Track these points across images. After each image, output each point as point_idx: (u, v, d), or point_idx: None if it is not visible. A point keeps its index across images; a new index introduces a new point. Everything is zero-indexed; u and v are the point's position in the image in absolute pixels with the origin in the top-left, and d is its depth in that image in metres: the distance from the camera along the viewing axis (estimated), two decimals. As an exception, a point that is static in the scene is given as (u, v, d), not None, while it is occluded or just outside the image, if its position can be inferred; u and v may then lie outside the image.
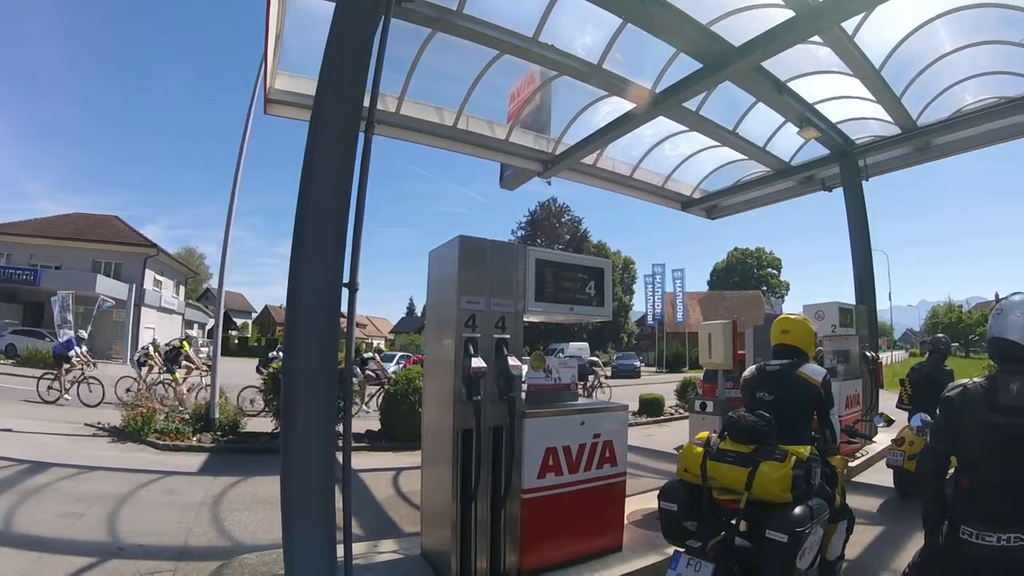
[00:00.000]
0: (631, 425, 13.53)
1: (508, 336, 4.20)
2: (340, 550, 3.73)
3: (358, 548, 4.51)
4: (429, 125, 9.24)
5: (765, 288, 74.74)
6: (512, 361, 4.07)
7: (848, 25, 7.28)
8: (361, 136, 4.07)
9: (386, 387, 11.80)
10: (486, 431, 4.03)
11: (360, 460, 8.74)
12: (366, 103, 4.17)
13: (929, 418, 5.82)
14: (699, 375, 12.19)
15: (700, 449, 3.50)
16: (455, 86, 8.87)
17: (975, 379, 2.54)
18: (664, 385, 20.02)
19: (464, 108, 9.17)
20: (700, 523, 3.43)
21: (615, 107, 9.25)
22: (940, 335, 8.17)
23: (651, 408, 15.25)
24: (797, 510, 3.15)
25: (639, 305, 62.60)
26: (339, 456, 3.81)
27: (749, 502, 3.27)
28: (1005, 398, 2.34)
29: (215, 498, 6.52)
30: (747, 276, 77.81)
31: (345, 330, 4.10)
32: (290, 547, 3.59)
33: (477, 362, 3.90)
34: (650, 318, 52.82)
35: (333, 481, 3.70)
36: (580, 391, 5.13)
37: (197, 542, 5.20)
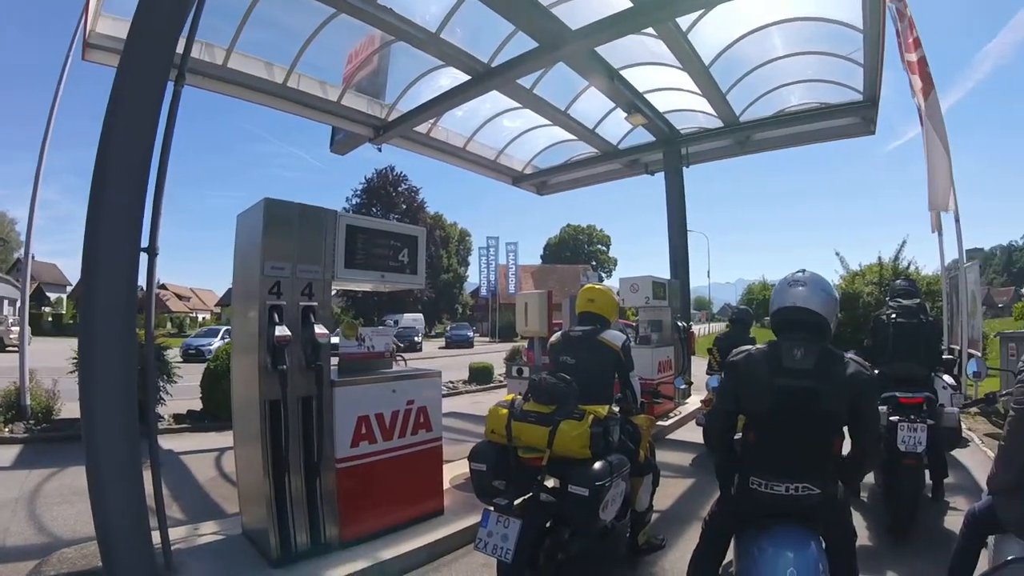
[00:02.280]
0: (461, 393, 13.94)
1: (316, 303, 4.07)
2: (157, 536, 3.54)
3: (179, 532, 4.34)
4: (258, 81, 8.61)
5: (594, 263, 78.06)
6: (319, 329, 3.96)
7: (684, 21, 7.68)
8: (171, 87, 3.74)
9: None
10: (294, 401, 3.91)
11: (181, 442, 8.31)
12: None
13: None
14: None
15: (505, 411, 3.59)
16: (290, 41, 8.37)
17: (759, 345, 2.75)
18: (496, 354, 20.48)
19: (296, 65, 8.66)
20: (508, 482, 3.52)
21: (453, 79, 9.16)
22: (743, 307, 8.91)
23: (480, 376, 15.57)
24: (597, 465, 3.32)
25: (474, 277, 63.47)
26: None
27: (552, 460, 3.40)
28: (789, 362, 2.56)
29: (31, 493, 5.95)
30: (578, 251, 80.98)
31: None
32: (103, 537, 3.33)
33: (281, 330, 3.76)
34: (484, 290, 53.58)
35: (139, 465, 3.44)
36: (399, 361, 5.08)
37: (14, 541, 4.75)
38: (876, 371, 5.45)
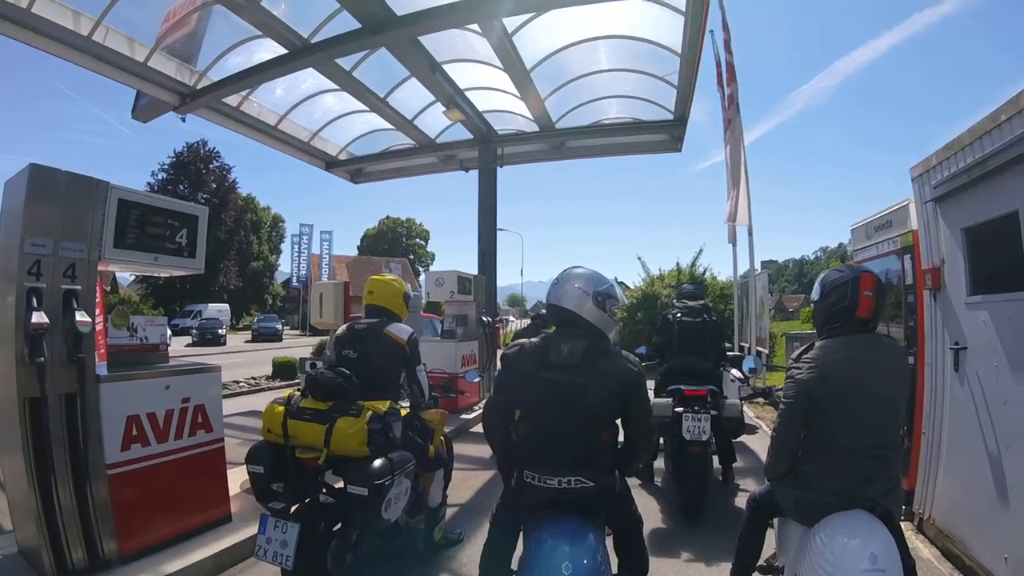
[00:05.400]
0: (263, 390, 13.38)
1: (79, 287, 3.57)
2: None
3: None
4: (60, 31, 7.44)
5: (412, 257, 77.81)
6: (80, 317, 3.47)
7: (511, 23, 7.73)
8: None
9: None
10: (56, 399, 3.44)
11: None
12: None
13: None
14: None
15: (281, 408, 3.39)
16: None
17: (532, 339, 2.77)
18: (305, 348, 19.81)
19: (105, 17, 7.57)
20: (287, 484, 3.35)
21: (273, 52, 8.54)
22: (540, 301, 9.21)
23: (285, 372, 14.92)
24: (376, 463, 3.22)
25: (285, 266, 60.24)
26: None
27: (331, 459, 3.27)
28: (556, 357, 2.60)
29: None
30: (396, 244, 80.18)
31: None
32: None
33: (37, 317, 3.27)
34: (295, 280, 51.28)
35: None
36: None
37: None
38: (664, 366, 5.87)
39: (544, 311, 8.47)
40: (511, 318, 49.44)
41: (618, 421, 2.70)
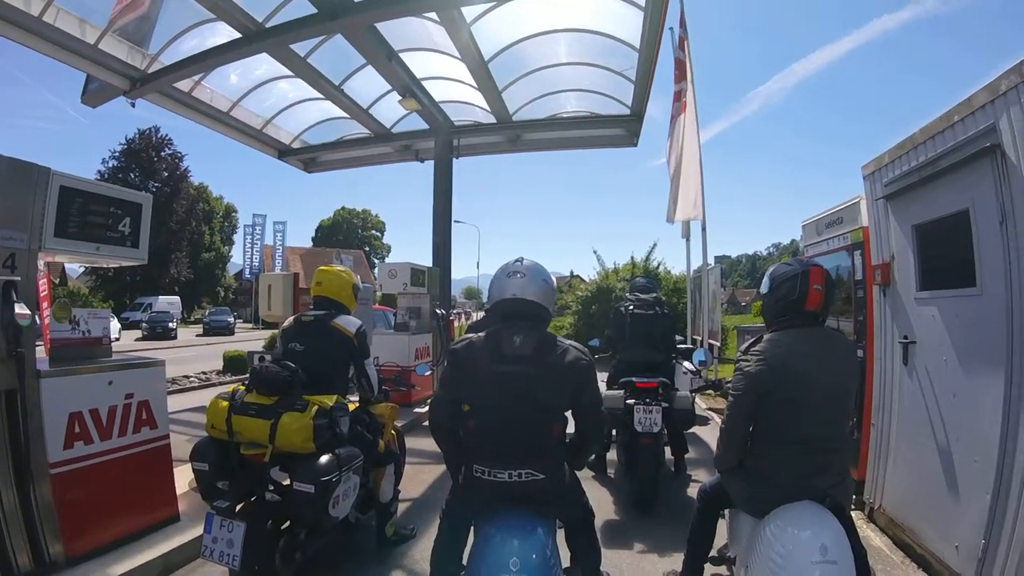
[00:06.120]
0: (214, 385, 13.12)
1: (19, 278, 3.39)
2: None
3: None
4: (9, 10, 7.09)
5: (368, 248, 77.06)
6: (19, 309, 3.30)
7: (469, 13, 7.65)
8: None
9: None
10: (-8, 395, 3.25)
11: None
12: None
13: None
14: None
15: (225, 403, 3.30)
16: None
17: (480, 334, 2.74)
18: (257, 342, 19.44)
19: None
20: (232, 481, 3.28)
21: (228, 36, 8.29)
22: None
23: (235, 366, 14.57)
24: (322, 460, 3.16)
25: (237, 257, 59.13)
26: None
27: (277, 455, 3.20)
28: (508, 348, 2.57)
29: None
30: (352, 235, 79.26)
31: None
32: None
33: None
34: (247, 272, 50.24)
35: None
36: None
37: None
38: (616, 358, 5.91)
39: (488, 305, 8.49)
40: (471, 310, 49.29)
41: (568, 414, 2.69)
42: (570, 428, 2.73)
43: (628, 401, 5.24)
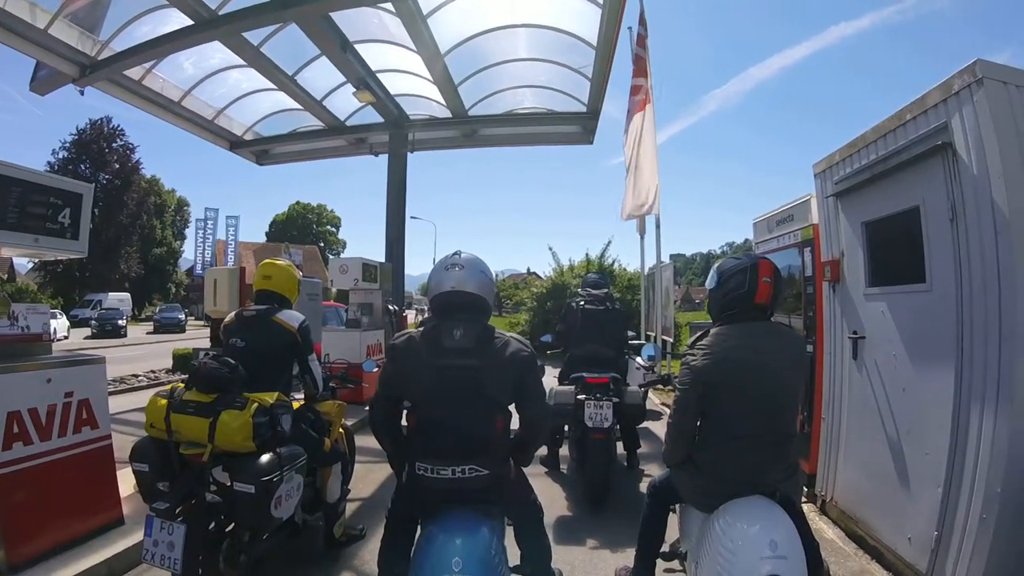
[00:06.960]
0: (163, 383, 12.58)
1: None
2: None
3: None
4: None
5: (323, 244, 76.09)
6: None
7: (426, 5, 7.60)
8: None
9: None
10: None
11: None
12: None
13: None
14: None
15: (164, 401, 3.20)
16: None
17: (419, 328, 2.71)
18: (207, 339, 18.95)
19: None
20: (172, 482, 3.17)
21: (181, 23, 8.07)
22: None
23: (185, 364, 14.02)
24: (263, 459, 3.08)
25: (189, 252, 57.70)
26: None
27: (217, 455, 3.12)
28: (449, 341, 2.53)
29: None
30: (307, 231, 77.98)
31: None
32: None
33: None
34: (199, 267, 49.16)
35: None
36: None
37: None
38: (568, 353, 5.91)
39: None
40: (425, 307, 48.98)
41: (512, 408, 2.66)
42: (514, 424, 2.70)
43: (579, 396, 5.24)
